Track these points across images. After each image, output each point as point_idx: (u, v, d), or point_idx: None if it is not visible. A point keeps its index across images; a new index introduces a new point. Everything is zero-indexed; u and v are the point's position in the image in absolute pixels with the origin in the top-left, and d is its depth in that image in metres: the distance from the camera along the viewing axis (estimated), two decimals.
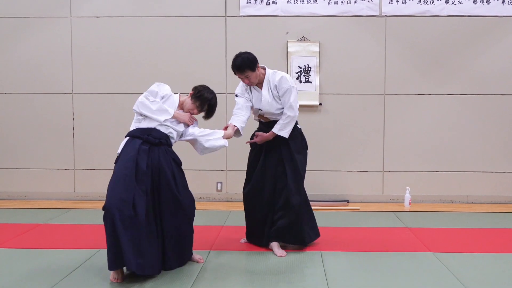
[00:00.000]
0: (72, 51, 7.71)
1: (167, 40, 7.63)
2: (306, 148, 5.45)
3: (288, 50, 7.54)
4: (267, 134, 5.19)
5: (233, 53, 5.14)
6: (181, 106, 4.76)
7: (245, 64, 5.01)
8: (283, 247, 5.22)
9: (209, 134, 4.83)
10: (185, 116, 4.71)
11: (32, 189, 7.84)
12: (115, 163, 4.47)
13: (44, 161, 7.83)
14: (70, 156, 7.81)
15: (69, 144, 7.79)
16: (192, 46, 7.59)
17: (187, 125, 4.78)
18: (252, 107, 5.29)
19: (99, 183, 7.71)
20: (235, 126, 5.02)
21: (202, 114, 4.84)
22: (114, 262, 4.24)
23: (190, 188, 4.75)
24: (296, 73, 7.52)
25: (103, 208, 4.27)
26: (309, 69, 7.53)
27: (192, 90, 4.77)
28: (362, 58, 7.58)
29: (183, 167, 4.75)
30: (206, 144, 4.81)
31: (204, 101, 4.73)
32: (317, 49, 7.53)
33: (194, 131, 4.81)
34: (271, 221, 5.25)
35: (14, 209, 7.21)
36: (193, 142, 4.87)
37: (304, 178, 5.40)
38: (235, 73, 5.11)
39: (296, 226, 5.24)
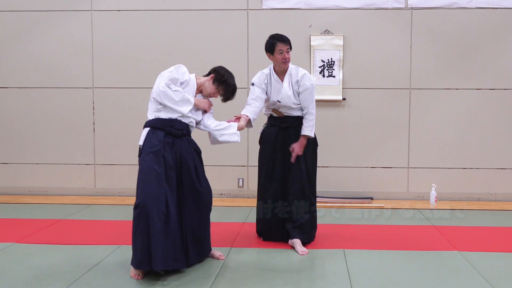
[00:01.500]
0: (93, 45, 7.77)
1: (188, 33, 7.65)
2: (316, 145, 5.50)
3: (311, 43, 7.52)
4: (303, 141, 5.24)
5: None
6: (199, 89, 4.72)
7: (288, 39, 5.20)
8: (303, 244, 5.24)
9: (224, 129, 4.78)
10: (204, 103, 4.69)
11: (53, 184, 7.93)
12: (139, 156, 4.44)
13: (64, 157, 7.91)
14: (91, 151, 7.88)
15: (90, 139, 7.87)
16: (213, 40, 7.61)
17: (204, 112, 4.76)
18: (266, 100, 5.31)
19: (119, 179, 7.79)
20: (248, 117, 5.04)
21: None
22: (144, 262, 4.25)
23: (211, 184, 4.76)
24: (319, 67, 7.50)
25: (137, 206, 4.26)
26: (332, 63, 7.50)
27: (213, 73, 4.73)
28: (387, 51, 7.54)
29: (204, 163, 4.76)
30: (220, 139, 4.78)
31: (228, 87, 4.72)
32: (341, 42, 7.50)
33: (210, 124, 4.75)
34: (290, 218, 5.27)
35: (34, 205, 7.30)
36: (208, 132, 4.85)
37: (316, 177, 5.48)
38: (274, 46, 5.14)
39: (310, 224, 5.34)
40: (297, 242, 5.17)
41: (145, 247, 4.22)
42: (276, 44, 5.13)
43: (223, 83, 4.70)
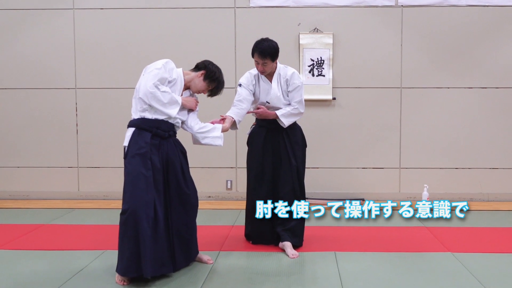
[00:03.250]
0: (75, 44, 7.74)
1: (173, 32, 7.64)
2: (305, 146, 5.49)
3: (300, 42, 7.53)
4: (270, 112, 5.19)
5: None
6: (186, 86, 4.68)
7: (269, 51, 5.04)
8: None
9: (208, 132, 4.72)
10: (191, 102, 4.64)
11: (34, 188, 7.89)
12: (124, 158, 4.38)
13: (46, 159, 7.87)
14: (74, 153, 7.85)
15: (73, 142, 7.83)
16: (199, 39, 7.59)
17: (190, 110, 4.72)
18: (253, 102, 5.30)
19: (104, 182, 7.75)
20: (233, 118, 5.01)
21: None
22: (131, 269, 4.22)
23: (199, 186, 4.75)
24: (309, 66, 7.52)
25: (124, 211, 4.23)
26: (322, 62, 7.52)
27: (204, 69, 4.70)
28: (378, 50, 7.56)
29: (191, 164, 4.75)
30: (203, 141, 4.74)
31: (219, 84, 4.72)
32: (331, 41, 7.51)
33: (193, 125, 4.70)
34: (280, 221, 5.25)
35: (15, 209, 7.26)
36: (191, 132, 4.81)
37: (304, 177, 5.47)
38: (253, 55, 5.09)
39: (301, 227, 5.33)
40: (287, 245, 5.18)
41: (133, 254, 4.20)
42: (254, 54, 5.10)
43: (215, 81, 4.70)
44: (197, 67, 4.76)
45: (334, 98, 7.57)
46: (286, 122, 5.19)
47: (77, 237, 5.82)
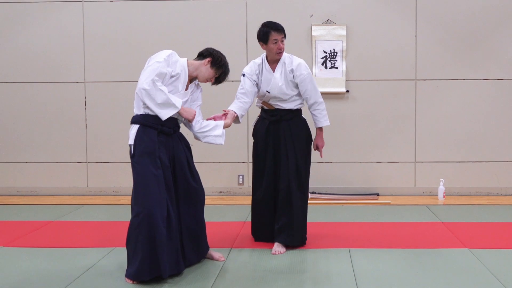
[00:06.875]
0: (84, 37, 7.74)
1: (184, 24, 7.62)
2: (311, 140, 5.37)
3: (313, 34, 7.50)
4: (321, 134, 5.37)
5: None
6: (192, 76, 4.59)
7: (282, 27, 5.04)
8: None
9: (209, 131, 4.62)
10: (190, 113, 4.47)
11: (43, 184, 7.91)
12: (132, 157, 4.35)
13: (55, 154, 7.89)
14: (83, 148, 7.86)
15: (81, 136, 7.84)
16: (210, 31, 7.57)
17: (188, 120, 4.55)
18: (257, 93, 5.21)
19: (113, 177, 7.76)
20: (235, 113, 4.94)
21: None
22: (144, 272, 4.21)
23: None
24: (321, 58, 7.48)
25: (138, 214, 4.21)
26: (335, 54, 7.48)
27: (209, 56, 4.61)
28: (392, 41, 7.52)
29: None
30: (203, 140, 4.65)
31: (226, 70, 4.66)
32: (344, 32, 7.48)
33: (193, 125, 4.60)
34: (276, 218, 5.20)
35: (23, 206, 7.29)
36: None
37: (309, 174, 5.37)
38: (268, 35, 4.99)
39: (295, 225, 5.16)
40: (276, 244, 5.13)
41: (147, 256, 4.18)
42: (270, 33, 5.00)
43: (222, 67, 4.63)
44: (202, 55, 4.69)
45: (347, 91, 7.53)
46: (327, 122, 5.31)
47: (86, 234, 5.83)
